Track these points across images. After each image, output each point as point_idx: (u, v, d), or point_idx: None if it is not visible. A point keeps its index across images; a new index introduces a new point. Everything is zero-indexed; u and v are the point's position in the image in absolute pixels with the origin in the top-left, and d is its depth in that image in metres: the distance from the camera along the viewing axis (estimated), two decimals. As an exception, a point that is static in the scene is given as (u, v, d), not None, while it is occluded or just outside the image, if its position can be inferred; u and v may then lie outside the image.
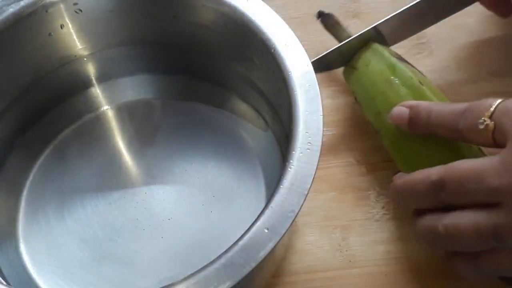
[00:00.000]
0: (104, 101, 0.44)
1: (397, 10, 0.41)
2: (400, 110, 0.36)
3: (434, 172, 0.32)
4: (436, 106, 0.35)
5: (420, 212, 0.34)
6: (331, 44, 0.47)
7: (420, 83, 0.38)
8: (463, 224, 0.31)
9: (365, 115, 0.40)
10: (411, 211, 0.35)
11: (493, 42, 0.46)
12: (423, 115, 0.35)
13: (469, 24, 0.46)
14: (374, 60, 0.40)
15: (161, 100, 0.43)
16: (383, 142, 0.39)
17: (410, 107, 0.36)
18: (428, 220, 0.33)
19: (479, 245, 0.31)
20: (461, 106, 0.33)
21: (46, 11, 0.38)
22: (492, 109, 0.31)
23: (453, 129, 0.33)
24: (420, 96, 0.37)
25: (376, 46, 0.41)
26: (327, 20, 0.45)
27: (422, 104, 0.35)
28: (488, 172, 0.30)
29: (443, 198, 0.32)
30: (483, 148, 0.35)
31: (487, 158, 0.31)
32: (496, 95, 0.42)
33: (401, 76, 0.38)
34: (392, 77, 0.38)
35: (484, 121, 0.31)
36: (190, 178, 0.40)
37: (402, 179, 0.35)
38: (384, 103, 0.38)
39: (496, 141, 0.31)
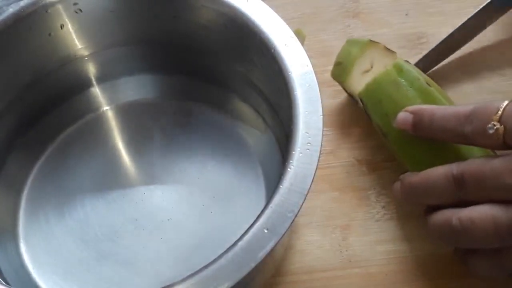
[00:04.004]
0: (104, 101, 0.44)
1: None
2: (404, 115, 0.36)
3: (454, 167, 0.33)
4: (439, 111, 0.34)
5: (432, 210, 0.34)
6: (331, 44, 0.47)
7: (428, 84, 0.37)
8: (479, 217, 0.31)
9: (371, 117, 0.39)
10: (422, 209, 0.35)
11: (493, 42, 0.45)
12: (426, 120, 0.35)
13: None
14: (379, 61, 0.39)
15: (161, 100, 0.43)
16: (392, 145, 0.38)
17: (413, 112, 0.35)
18: (442, 215, 0.33)
19: (493, 240, 0.31)
20: (465, 109, 0.33)
21: (46, 11, 0.38)
22: (500, 112, 0.31)
23: (458, 134, 0.33)
24: (428, 97, 0.37)
25: (379, 44, 0.40)
26: None
27: (425, 109, 0.35)
28: (504, 169, 0.30)
29: (462, 193, 0.32)
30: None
31: (501, 157, 0.31)
32: (498, 94, 0.43)
33: (408, 77, 0.37)
34: (399, 78, 0.37)
35: (494, 125, 0.31)
36: (190, 178, 0.40)
37: (418, 175, 0.35)
38: (392, 105, 0.37)
39: (506, 143, 0.31)
